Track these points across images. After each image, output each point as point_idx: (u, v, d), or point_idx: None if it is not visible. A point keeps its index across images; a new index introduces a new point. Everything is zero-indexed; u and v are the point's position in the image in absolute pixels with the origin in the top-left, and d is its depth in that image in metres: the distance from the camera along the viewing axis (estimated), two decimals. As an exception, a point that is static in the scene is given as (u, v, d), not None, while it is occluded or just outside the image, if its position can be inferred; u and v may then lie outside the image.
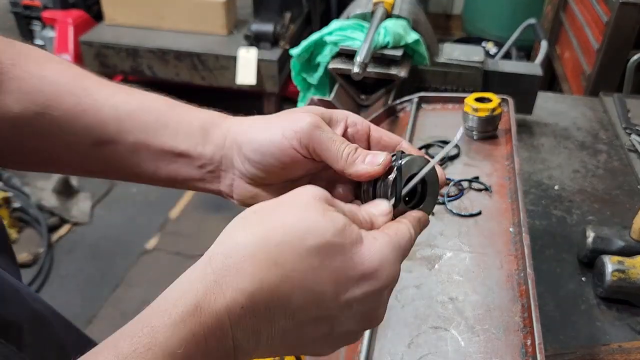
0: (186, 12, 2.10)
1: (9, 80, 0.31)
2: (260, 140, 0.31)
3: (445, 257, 0.54)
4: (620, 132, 0.97)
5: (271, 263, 0.22)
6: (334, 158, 0.29)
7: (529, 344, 0.44)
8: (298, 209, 0.24)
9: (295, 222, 0.23)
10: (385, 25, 0.83)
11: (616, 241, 0.67)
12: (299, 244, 0.23)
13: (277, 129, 0.30)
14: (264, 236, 0.23)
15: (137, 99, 0.33)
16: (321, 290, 0.23)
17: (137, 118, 0.32)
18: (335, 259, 0.23)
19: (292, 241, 0.23)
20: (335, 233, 0.23)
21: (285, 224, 0.23)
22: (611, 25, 1.28)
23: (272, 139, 0.30)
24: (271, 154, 0.30)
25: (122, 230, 1.70)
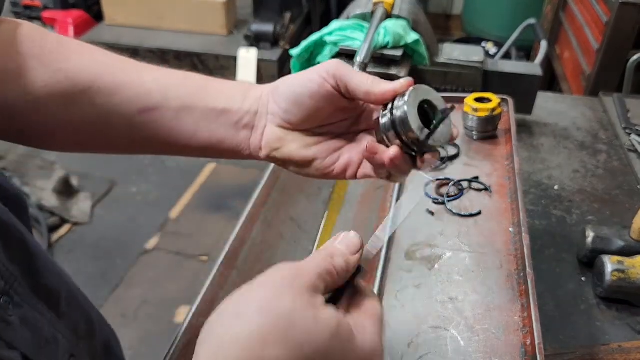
0: (186, 12, 2.10)
1: (59, 60, 0.34)
2: (295, 78, 0.35)
3: (445, 257, 0.54)
4: (620, 132, 0.97)
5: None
6: (360, 83, 0.33)
7: (528, 343, 0.44)
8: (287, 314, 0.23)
9: (289, 332, 0.22)
10: (385, 25, 0.83)
11: (616, 241, 0.67)
12: (297, 356, 0.22)
13: (310, 71, 0.35)
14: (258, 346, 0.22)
15: (178, 72, 0.37)
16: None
17: (181, 86, 0.36)
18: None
19: (289, 354, 0.22)
20: (331, 337, 0.23)
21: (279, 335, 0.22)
22: (611, 25, 1.28)
23: (306, 76, 0.35)
24: (306, 88, 0.34)
25: (122, 230, 1.70)
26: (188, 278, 1.53)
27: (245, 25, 2.13)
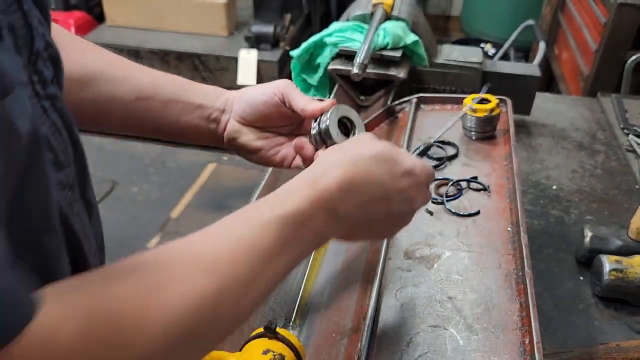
0: (187, 13, 2.11)
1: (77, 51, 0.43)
2: (255, 89, 0.47)
3: (444, 257, 0.54)
4: (618, 133, 0.97)
5: (352, 165, 0.35)
6: (298, 102, 0.45)
7: (527, 342, 0.45)
8: (361, 140, 0.39)
9: (359, 144, 0.38)
10: (385, 26, 0.83)
11: (614, 241, 0.68)
12: (368, 154, 0.36)
13: (267, 85, 0.47)
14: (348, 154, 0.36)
15: (168, 74, 0.48)
16: (382, 179, 0.36)
17: (170, 82, 0.47)
18: (387, 162, 0.37)
19: (362, 153, 0.36)
20: (385, 149, 0.37)
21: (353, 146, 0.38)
22: (609, 26, 1.29)
23: (263, 88, 0.47)
24: (260, 98, 0.46)
25: (124, 229, 1.70)
26: (188, 278, 1.53)
27: (246, 26, 2.13)
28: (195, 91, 0.47)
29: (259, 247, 0.30)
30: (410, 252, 0.55)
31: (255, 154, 0.48)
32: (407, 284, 0.51)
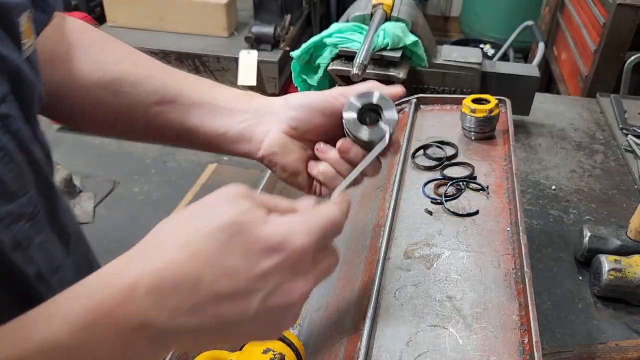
0: (188, 14, 2.11)
1: (99, 52, 0.41)
2: (308, 94, 0.41)
3: (443, 256, 0.55)
4: (617, 133, 0.97)
5: (178, 246, 0.24)
6: None
7: (526, 342, 0.45)
8: (208, 202, 0.27)
9: (202, 210, 0.26)
10: (384, 27, 0.84)
11: (613, 240, 0.68)
12: (205, 226, 0.25)
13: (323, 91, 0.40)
14: (175, 224, 0.26)
15: (191, 76, 0.43)
16: (231, 265, 0.24)
17: (195, 84, 0.42)
18: (241, 236, 0.25)
19: (198, 224, 0.25)
20: (239, 214, 0.25)
21: (193, 213, 0.26)
22: (608, 26, 1.29)
23: (319, 93, 0.40)
24: (319, 102, 0.40)
25: (125, 229, 1.70)
26: (189, 278, 1.54)
27: (246, 27, 2.14)
28: (225, 93, 0.42)
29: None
30: (409, 252, 0.55)
31: (295, 177, 0.41)
32: (407, 284, 0.51)
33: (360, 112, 0.39)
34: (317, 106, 0.40)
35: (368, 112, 0.40)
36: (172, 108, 0.40)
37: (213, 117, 0.41)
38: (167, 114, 0.40)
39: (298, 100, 0.40)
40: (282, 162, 0.40)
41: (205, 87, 0.42)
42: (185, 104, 0.41)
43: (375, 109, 0.40)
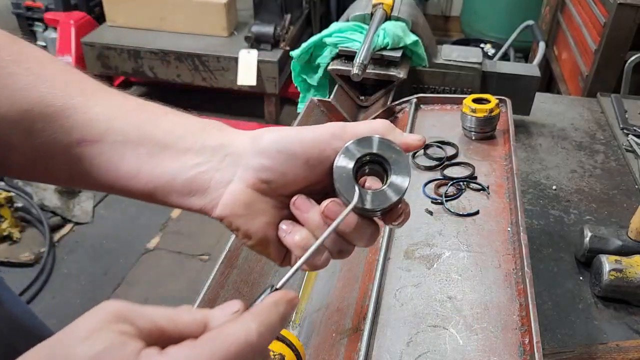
0: (187, 13, 2.11)
1: (6, 76, 0.29)
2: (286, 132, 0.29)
3: (443, 256, 0.54)
4: (617, 133, 0.97)
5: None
6: None
7: (526, 342, 0.45)
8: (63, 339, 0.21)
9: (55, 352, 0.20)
10: (385, 26, 0.83)
11: (613, 241, 0.68)
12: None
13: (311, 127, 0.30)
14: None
15: (132, 101, 0.31)
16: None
17: (131, 116, 0.30)
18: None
19: None
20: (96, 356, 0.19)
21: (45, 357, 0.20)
22: (609, 26, 1.29)
23: (300, 132, 0.29)
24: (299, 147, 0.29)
25: (124, 229, 1.70)
26: (189, 277, 1.54)
27: (246, 26, 2.13)
28: (172, 126, 0.30)
29: None
30: (409, 252, 0.55)
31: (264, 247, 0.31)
32: (407, 284, 0.51)
33: (358, 164, 0.29)
34: (299, 153, 0.28)
35: (370, 164, 0.30)
36: (99, 149, 0.30)
37: (153, 160, 0.30)
38: (93, 156, 0.30)
39: (273, 143, 0.29)
40: (245, 227, 0.30)
41: (144, 117, 0.30)
42: (116, 142, 0.30)
43: (380, 161, 0.29)
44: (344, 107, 0.83)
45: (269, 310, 0.24)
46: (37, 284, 1.48)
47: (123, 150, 0.30)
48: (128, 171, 0.30)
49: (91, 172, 0.30)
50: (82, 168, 0.30)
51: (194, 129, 0.31)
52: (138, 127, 0.30)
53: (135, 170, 0.30)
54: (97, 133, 0.30)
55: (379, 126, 0.30)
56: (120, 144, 0.30)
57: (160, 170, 0.30)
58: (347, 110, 0.83)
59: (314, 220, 0.29)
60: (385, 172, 0.30)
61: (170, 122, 0.31)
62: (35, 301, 1.45)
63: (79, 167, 0.30)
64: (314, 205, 0.30)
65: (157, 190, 0.30)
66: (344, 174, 0.28)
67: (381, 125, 0.30)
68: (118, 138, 0.30)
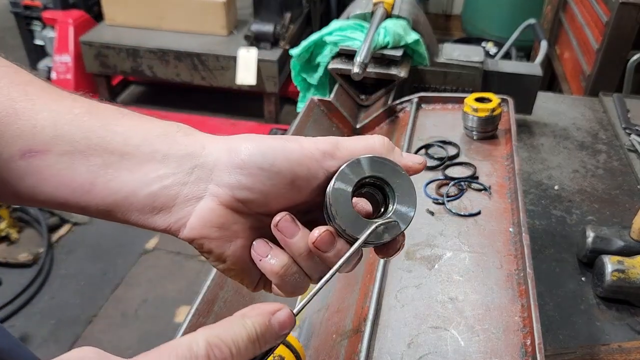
0: (186, 12, 2.10)
1: None
2: (268, 143, 0.25)
3: (445, 257, 0.54)
4: (619, 132, 0.97)
5: None
6: None
7: (528, 343, 0.44)
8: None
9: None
10: (385, 25, 0.83)
11: (616, 241, 0.67)
12: None
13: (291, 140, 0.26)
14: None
15: (83, 104, 0.27)
16: None
17: (80, 123, 0.26)
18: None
19: None
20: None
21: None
22: (611, 25, 1.29)
23: (285, 144, 0.25)
24: (284, 164, 0.25)
25: (123, 230, 1.70)
26: (188, 278, 1.53)
27: (246, 25, 2.13)
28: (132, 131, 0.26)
29: None
30: (411, 253, 0.55)
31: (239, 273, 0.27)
32: (408, 285, 0.51)
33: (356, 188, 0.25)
34: (285, 171, 0.25)
35: (368, 187, 0.26)
36: (46, 160, 0.25)
37: (108, 172, 0.26)
38: (41, 170, 0.25)
39: (254, 157, 0.25)
40: (218, 251, 0.26)
41: (95, 122, 0.26)
42: (65, 152, 0.25)
43: (381, 185, 0.26)
44: (344, 106, 0.82)
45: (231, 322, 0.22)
46: (35, 285, 1.47)
47: (72, 160, 0.26)
48: (81, 185, 0.26)
49: (39, 187, 0.26)
50: (28, 183, 0.26)
51: (154, 133, 0.26)
52: (89, 134, 0.26)
53: (88, 184, 0.26)
54: (42, 142, 0.25)
55: (377, 144, 0.26)
56: (69, 154, 0.25)
57: (117, 183, 0.26)
58: (348, 109, 0.83)
59: (299, 248, 0.26)
60: (385, 198, 0.27)
61: (127, 126, 0.26)
62: (33, 302, 1.44)
63: (25, 183, 0.26)
64: (300, 228, 0.26)
65: (116, 207, 0.26)
66: (341, 199, 0.25)
67: (379, 144, 0.26)
68: (65, 148, 0.25)
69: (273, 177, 0.25)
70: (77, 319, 1.39)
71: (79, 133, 0.26)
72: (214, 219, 0.26)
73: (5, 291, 1.37)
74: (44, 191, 0.26)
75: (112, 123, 0.26)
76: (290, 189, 0.25)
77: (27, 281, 1.46)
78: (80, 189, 0.26)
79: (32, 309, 1.42)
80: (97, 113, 0.26)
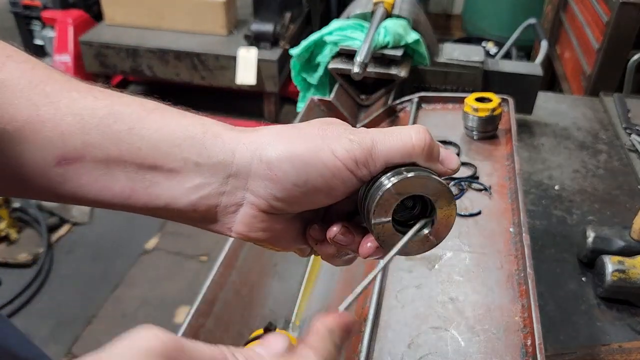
0: (186, 12, 2.10)
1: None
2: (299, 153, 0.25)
3: (445, 257, 0.54)
4: (620, 132, 0.97)
5: None
6: None
7: (529, 344, 0.44)
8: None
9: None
10: (385, 25, 0.83)
11: (616, 241, 0.67)
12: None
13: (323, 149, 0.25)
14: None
15: (105, 103, 0.26)
16: None
17: (106, 128, 0.25)
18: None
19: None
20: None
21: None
22: (611, 25, 1.28)
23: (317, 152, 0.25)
24: (318, 177, 0.24)
25: (122, 230, 1.70)
26: (188, 278, 1.53)
27: (245, 25, 2.13)
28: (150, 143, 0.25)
29: None
30: (411, 253, 0.54)
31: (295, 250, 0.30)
32: (408, 285, 0.51)
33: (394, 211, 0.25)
34: (320, 186, 0.25)
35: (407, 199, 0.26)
36: (81, 168, 0.25)
37: (146, 178, 0.26)
38: (79, 176, 0.25)
39: (287, 174, 0.25)
40: (270, 245, 0.28)
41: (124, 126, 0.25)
42: (98, 160, 0.25)
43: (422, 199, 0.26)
44: (344, 106, 0.82)
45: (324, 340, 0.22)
46: (34, 285, 1.47)
47: (108, 167, 0.25)
48: (121, 190, 0.26)
49: (81, 192, 0.26)
50: (69, 189, 0.26)
51: (180, 137, 0.26)
52: (117, 142, 0.25)
53: (128, 190, 0.26)
54: (74, 149, 0.25)
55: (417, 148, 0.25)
56: (103, 161, 0.25)
57: (156, 190, 0.26)
58: (348, 109, 0.83)
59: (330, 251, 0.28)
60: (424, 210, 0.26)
61: (153, 129, 0.25)
62: (32, 302, 1.44)
63: (66, 188, 0.26)
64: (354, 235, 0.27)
65: (160, 211, 0.26)
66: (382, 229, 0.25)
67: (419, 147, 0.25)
68: (98, 155, 0.25)
69: (307, 192, 0.25)
70: (77, 319, 1.38)
71: (107, 140, 0.25)
72: (256, 224, 0.27)
73: (4, 291, 1.37)
74: (86, 196, 0.26)
75: (137, 126, 0.26)
76: (325, 196, 0.26)
77: (26, 281, 1.45)
78: (120, 195, 0.26)
79: (32, 309, 1.42)
80: (121, 113, 0.26)
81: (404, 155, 0.25)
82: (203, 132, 0.26)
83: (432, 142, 0.26)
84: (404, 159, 0.25)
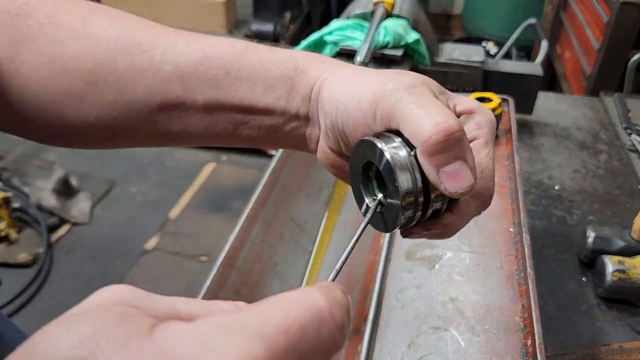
0: (186, 11, 2.10)
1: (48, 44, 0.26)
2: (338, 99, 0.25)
3: (445, 257, 0.54)
4: (620, 132, 0.97)
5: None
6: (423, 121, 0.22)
7: (529, 344, 0.44)
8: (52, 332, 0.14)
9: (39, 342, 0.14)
10: (386, 25, 0.83)
11: (616, 241, 0.67)
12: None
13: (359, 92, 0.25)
14: None
15: (198, 49, 0.27)
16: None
17: (203, 74, 0.27)
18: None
19: None
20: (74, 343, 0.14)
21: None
22: (612, 25, 1.28)
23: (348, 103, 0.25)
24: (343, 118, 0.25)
25: (122, 230, 1.70)
26: (188, 278, 1.53)
27: (246, 24, 2.13)
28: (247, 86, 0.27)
29: None
30: (411, 253, 0.54)
31: None
32: (408, 285, 0.51)
33: None
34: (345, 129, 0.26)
35: None
36: (185, 111, 0.28)
37: (245, 119, 0.28)
38: (182, 120, 0.28)
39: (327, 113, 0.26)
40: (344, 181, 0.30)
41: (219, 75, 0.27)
42: (199, 104, 0.27)
43: None
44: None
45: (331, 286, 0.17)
46: (34, 285, 1.47)
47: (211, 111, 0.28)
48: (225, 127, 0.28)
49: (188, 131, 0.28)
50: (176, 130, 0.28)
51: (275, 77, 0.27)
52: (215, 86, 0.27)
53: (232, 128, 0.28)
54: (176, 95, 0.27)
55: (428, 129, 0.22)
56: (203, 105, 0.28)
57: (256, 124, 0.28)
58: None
59: None
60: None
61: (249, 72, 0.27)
62: (32, 302, 1.44)
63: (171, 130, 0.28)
64: None
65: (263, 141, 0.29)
66: None
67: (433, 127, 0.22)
68: (199, 99, 0.27)
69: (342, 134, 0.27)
70: (77, 319, 1.38)
71: (205, 85, 0.27)
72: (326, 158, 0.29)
73: (4, 291, 1.37)
74: (191, 135, 0.29)
75: (232, 69, 0.27)
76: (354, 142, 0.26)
77: (26, 282, 1.45)
78: (225, 130, 0.29)
79: (32, 309, 1.42)
80: (216, 58, 0.27)
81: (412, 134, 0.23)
82: (294, 69, 0.28)
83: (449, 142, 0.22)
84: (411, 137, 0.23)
